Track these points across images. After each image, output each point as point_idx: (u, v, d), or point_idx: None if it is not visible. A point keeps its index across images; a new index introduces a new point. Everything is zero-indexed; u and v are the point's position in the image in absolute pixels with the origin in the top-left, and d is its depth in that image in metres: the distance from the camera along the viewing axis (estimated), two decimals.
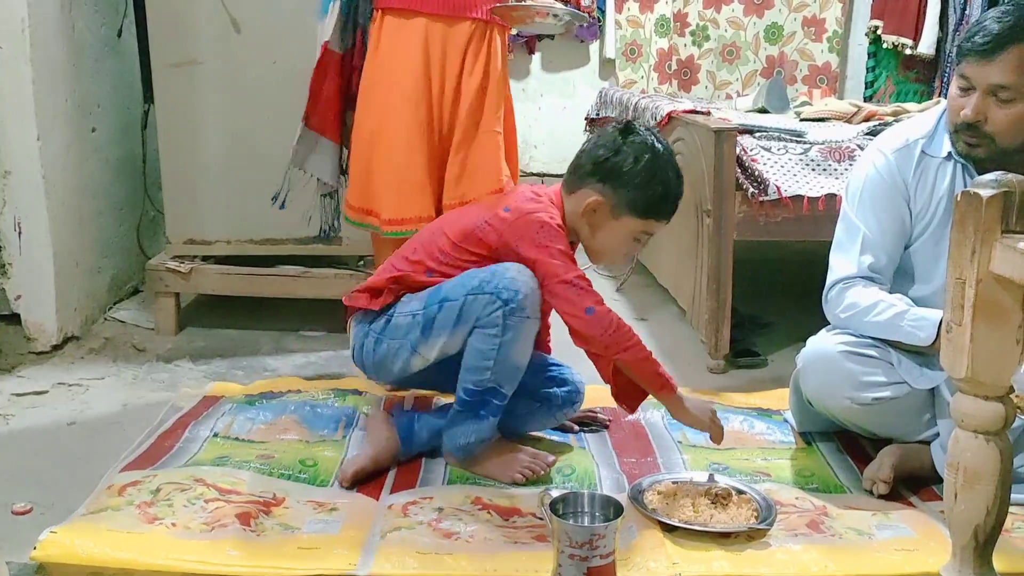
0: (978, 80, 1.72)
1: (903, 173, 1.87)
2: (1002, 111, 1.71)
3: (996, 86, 1.70)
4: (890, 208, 1.88)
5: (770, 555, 1.59)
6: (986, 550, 1.21)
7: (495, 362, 1.78)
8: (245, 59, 2.64)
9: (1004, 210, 1.13)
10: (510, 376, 1.82)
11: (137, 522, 1.61)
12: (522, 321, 1.78)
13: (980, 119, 1.73)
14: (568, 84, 4.91)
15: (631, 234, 1.88)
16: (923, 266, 1.90)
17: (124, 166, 3.04)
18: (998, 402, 1.17)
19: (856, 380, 1.83)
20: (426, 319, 1.82)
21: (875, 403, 1.83)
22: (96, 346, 2.66)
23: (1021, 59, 1.68)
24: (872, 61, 4.70)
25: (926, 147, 1.87)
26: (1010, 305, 1.14)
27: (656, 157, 1.84)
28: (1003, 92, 1.70)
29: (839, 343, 1.86)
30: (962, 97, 1.75)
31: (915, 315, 1.77)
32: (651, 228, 1.88)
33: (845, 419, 1.91)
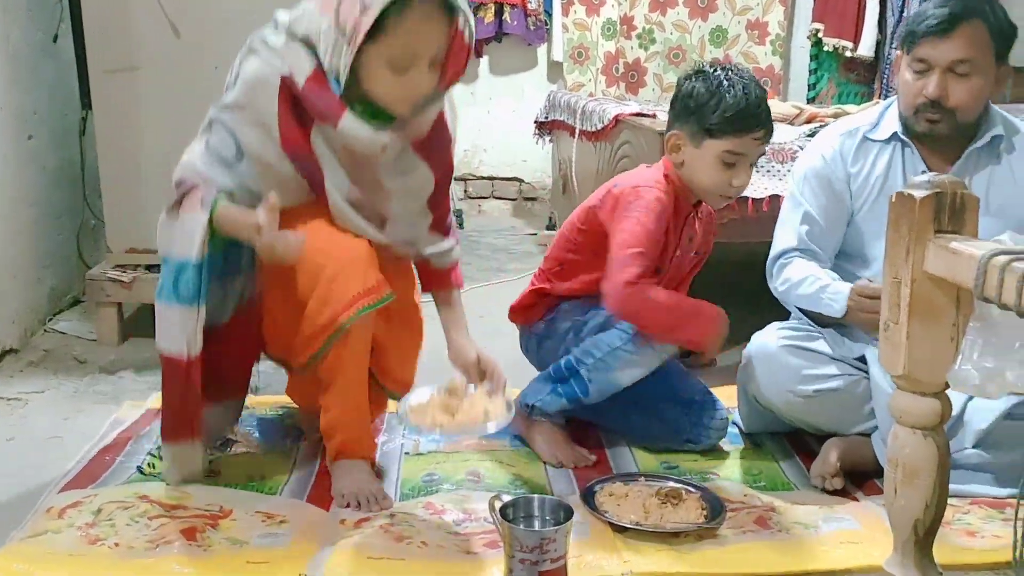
0: (937, 58, 1.82)
1: (845, 157, 1.97)
2: (961, 86, 1.82)
3: (955, 61, 1.81)
4: (830, 191, 1.97)
5: (719, 553, 1.61)
6: (926, 543, 1.24)
7: (604, 358, 1.90)
8: (185, 64, 2.60)
9: (936, 211, 1.15)
10: (603, 383, 1.91)
11: (78, 544, 1.57)
12: (647, 350, 1.88)
13: (943, 96, 1.83)
14: (516, 87, 4.92)
15: (717, 158, 1.89)
16: (863, 245, 1.98)
17: (62, 174, 2.97)
18: (934, 398, 1.19)
19: (798, 373, 1.89)
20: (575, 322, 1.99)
21: (816, 395, 1.88)
22: (35, 359, 2.60)
23: (974, 34, 1.81)
24: (814, 63, 4.80)
25: (868, 133, 1.98)
26: (944, 304, 1.17)
27: (719, 78, 1.89)
28: (961, 67, 1.81)
29: (780, 338, 1.92)
30: (919, 80, 1.85)
31: (833, 289, 1.84)
32: (734, 147, 1.88)
33: (789, 413, 1.95)
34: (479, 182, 5.01)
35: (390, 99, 1.58)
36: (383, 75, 1.53)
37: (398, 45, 1.50)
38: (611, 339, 1.91)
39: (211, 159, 1.65)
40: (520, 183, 5.01)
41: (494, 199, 5.02)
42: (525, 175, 5.00)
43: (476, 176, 4.98)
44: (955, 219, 1.16)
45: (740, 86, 1.88)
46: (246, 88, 1.60)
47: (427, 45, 1.52)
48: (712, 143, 1.89)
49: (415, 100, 1.59)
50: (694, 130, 1.91)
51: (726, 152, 1.89)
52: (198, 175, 1.64)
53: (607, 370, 1.91)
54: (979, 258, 1.05)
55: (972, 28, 1.81)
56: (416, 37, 1.51)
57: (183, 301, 1.62)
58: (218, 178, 1.64)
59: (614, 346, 1.90)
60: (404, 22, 1.48)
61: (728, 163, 1.90)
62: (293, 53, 1.56)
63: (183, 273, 1.62)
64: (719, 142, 1.89)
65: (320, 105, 1.55)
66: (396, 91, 1.56)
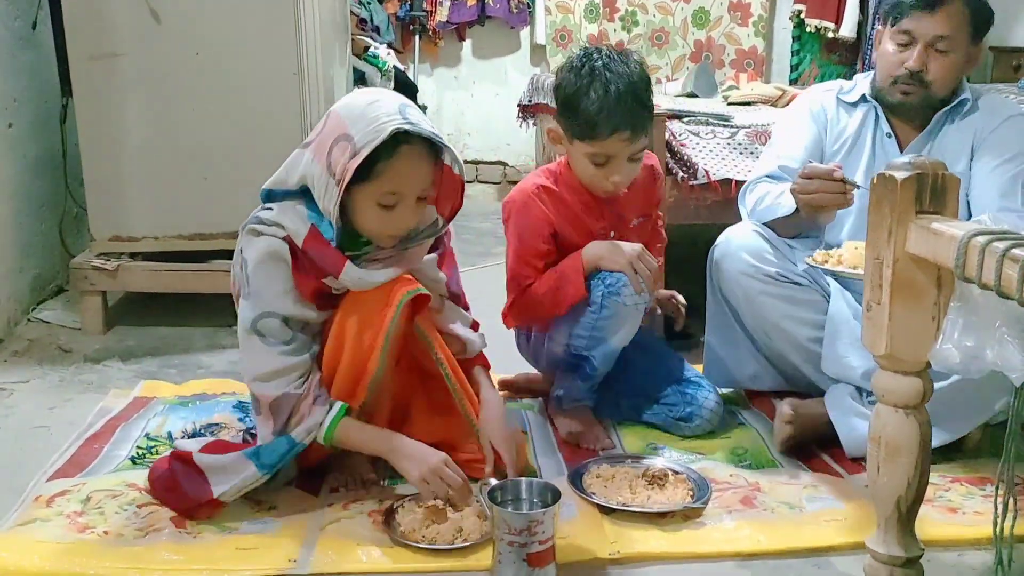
0: (921, 32, 1.93)
1: (826, 108, 2.11)
2: (939, 61, 1.94)
3: (937, 37, 1.92)
4: (812, 131, 2.09)
5: (705, 532, 1.63)
6: (909, 520, 1.25)
7: (590, 335, 1.92)
8: (166, 51, 2.57)
9: (918, 192, 1.17)
10: (604, 353, 1.95)
11: (67, 532, 1.58)
12: (618, 305, 1.88)
13: (922, 68, 1.94)
14: (500, 71, 4.90)
15: (586, 157, 1.90)
16: None
17: (44, 162, 2.94)
18: (916, 377, 1.21)
19: (761, 255, 1.99)
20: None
21: (780, 278, 1.97)
22: (20, 348, 2.58)
23: (958, 12, 1.92)
24: (796, 45, 4.81)
25: (841, 94, 2.12)
26: (925, 284, 1.18)
27: (586, 73, 1.86)
28: (942, 43, 1.92)
29: (752, 229, 2.02)
30: (901, 52, 1.96)
31: (786, 191, 1.92)
32: (598, 149, 1.87)
33: (748, 305, 2.01)
34: (464, 166, 5.00)
35: (377, 233, 1.65)
36: (372, 213, 1.61)
37: (385, 186, 1.58)
38: (587, 318, 1.92)
39: (277, 352, 1.63)
40: (504, 167, 5.01)
41: (479, 183, 5.02)
42: (509, 159, 5.00)
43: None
44: (936, 200, 1.17)
45: (604, 82, 1.82)
46: (261, 267, 1.62)
47: (413, 185, 1.60)
48: (579, 144, 1.89)
49: (401, 234, 1.66)
50: (564, 127, 1.91)
51: (591, 154, 1.88)
52: (286, 380, 1.63)
53: (600, 341, 1.93)
54: (959, 239, 1.06)
55: (955, 8, 1.92)
56: (403, 179, 1.58)
57: (262, 469, 1.63)
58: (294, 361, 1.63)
59: (592, 321, 1.92)
60: (391, 166, 1.56)
61: (597, 163, 1.89)
62: (288, 217, 1.61)
63: (279, 453, 1.63)
64: (583, 144, 1.88)
65: (321, 261, 1.61)
66: (383, 227, 1.63)
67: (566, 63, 1.93)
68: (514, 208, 1.99)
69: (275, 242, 1.60)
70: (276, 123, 2.61)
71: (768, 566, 1.55)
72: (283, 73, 2.60)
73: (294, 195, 1.63)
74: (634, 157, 1.90)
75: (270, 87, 2.61)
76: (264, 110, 2.61)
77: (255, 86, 2.61)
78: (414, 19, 4.66)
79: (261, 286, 1.61)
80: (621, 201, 2.02)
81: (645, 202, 2.09)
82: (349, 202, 1.60)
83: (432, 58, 4.88)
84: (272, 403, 1.62)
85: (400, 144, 1.54)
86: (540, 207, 1.97)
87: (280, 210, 1.62)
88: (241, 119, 2.62)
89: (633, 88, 1.84)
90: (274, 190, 1.66)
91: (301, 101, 2.62)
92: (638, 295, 1.89)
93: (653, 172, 2.10)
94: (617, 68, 1.85)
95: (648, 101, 1.90)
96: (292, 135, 2.61)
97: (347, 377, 1.65)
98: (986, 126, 1.99)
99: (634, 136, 1.86)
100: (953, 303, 1.13)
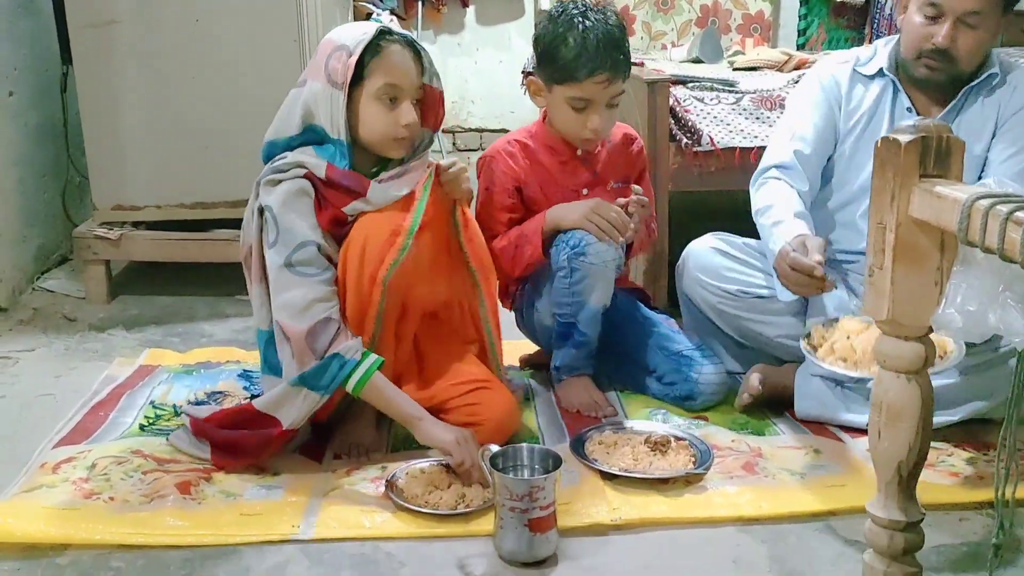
0: (951, 6, 1.82)
1: (839, 83, 2.01)
2: (969, 36, 1.83)
3: (969, 12, 1.81)
4: (824, 109, 2.01)
5: (707, 498, 1.63)
6: (910, 485, 1.25)
7: (569, 301, 1.94)
8: (166, 17, 2.55)
9: (922, 155, 1.15)
10: (587, 316, 1.96)
11: (74, 498, 1.59)
12: (586, 265, 1.90)
13: (952, 45, 1.84)
14: (503, 37, 4.85)
15: (565, 103, 1.94)
16: (845, 179, 2.03)
17: (45, 131, 2.93)
18: (918, 342, 1.20)
19: (719, 274, 2.01)
20: (533, 278, 2.05)
21: (741, 295, 2.00)
22: (25, 317, 2.59)
23: None
24: (804, 9, 4.74)
25: (858, 66, 2.01)
26: (928, 248, 1.16)
27: (566, 21, 1.92)
28: (972, 18, 1.82)
29: (710, 246, 2.04)
30: (928, 26, 1.85)
31: (781, 230, 1.85)
32: (576, 92, 1.92)
33: (718, 316, 2.04)
34: (467, 134, 4.97)
35: (385, 135, 1.70)
36: (376, 111, 1.69)
37: (381, 79, 1.68)
38: (560, 284, 1.95)
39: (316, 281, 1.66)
40: None
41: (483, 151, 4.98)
42: (513, 126, 4.93)
43: (464, 128, 4.94)
44: (940, 163, 1.15)
45: (581, 28, 1.89)
46: (289, 205, 1.66)
47: (406, 79, 1.70)
48: (558, 88, 1.94)
49: (409, 135, 1.72)
50: (544, 75, 1.96)
51: (571, 98, 1.92)
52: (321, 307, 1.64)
53: (580, 305, 1.95)
54: (963, 202, 1.05)
55: None
56: (395, 70, 1.69)
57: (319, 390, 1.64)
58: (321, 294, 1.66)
59: (566, 286, 1.94)
60: (383, 60, 1.68)
61: (576, 108, 1.93)
62: (305, 156, 1.69)
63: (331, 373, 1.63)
64: (562, 87, 1.93)
65: (348, 182, 1.68)
66: (390, 125, 1.70)
67: (544, 15, 1.99)
68: (484, 162, 2.06)
69: (298, 181, 1.68)
70: (277, 91, 2.53)
71: (770, 531, 1.56)
72: (283, 40, 2.58)
73: (297, 143, 1.71)
74: (612, 103, 1.95)
75: (270, 54, 2.59)
76: (265, 78, 2.59)
77: (255, 53, 2.59)
78: None
79: (292, 222, 1.65)
80: (598, 161, 2.05)
81: (625, 166, 2.10)
82: (353, 117, 1.69)
83: (435, 25, 4.83)
84: (310, 330, 1.61)
85: (388, 43, 1.68)
86: (507, 162, 2.03)
87: (294, 154, 1.70)
88: (241, 87, 2.60)
89: (609, 32, 1.92)
90: (276, 141, 1.73)
91: (302, 68, 2.57)
92: (605, 245, 1.90)
93: (628, 138, 2.12)
94: (594, 16, 1.92)
95: (625, 47, 1.95)
96: None
97: (354, 308, 1.68)
98: (1010, 105, 1.91)
99: (612, 78, 1.91)
100: (956, 267, 1.12)
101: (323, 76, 1.68)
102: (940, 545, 1.50)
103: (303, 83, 1.72)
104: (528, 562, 1.45)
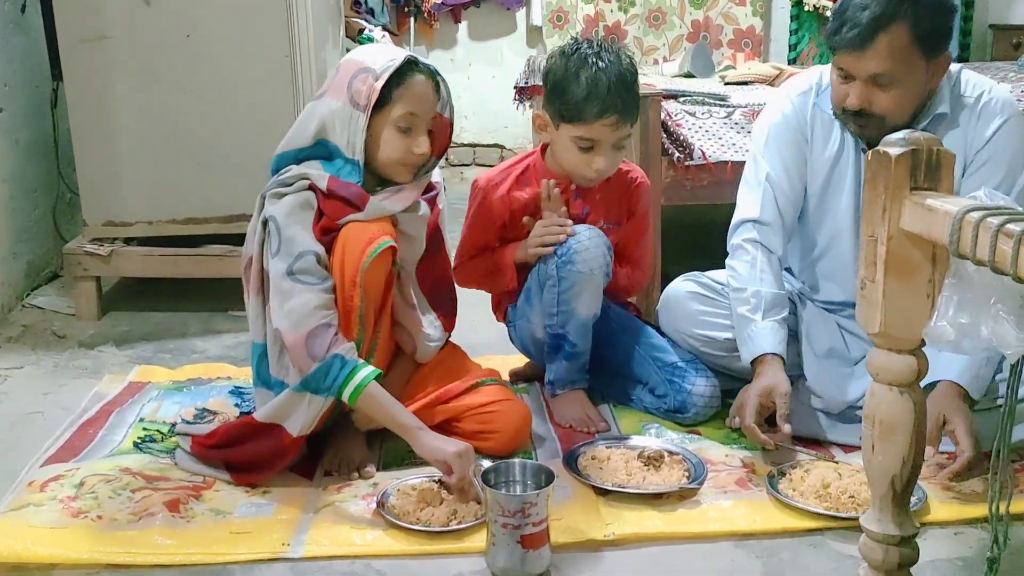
0: (856, 71, 1.73)
1: (802, 117, 1.92)
2: (885, 94, 1.73)
3: (874, 75, 1.71)
4: (793, 149, 1.92)
5: (701, 513, 1.62)
6: (903, 499, 1.24)
7: (558, 311, 1.94)
8: (156, 33, 2.55)
9: (912, 168, 1.15)
10: (576, 326, 1.95)
11: (61, 517, 1.57)
12: (575, 274, 1.89)
13: (866, 106, 1.75)
14: (496, 52, 4.88)
15: (571, 142, 1.92)
16: (813, 217, 1.97)
17: (36, 147, 2.93)
18: (911, 355, 1.20)
19: (695, 319, 1.98)
20: (524, 291, 2.03)
21: (715, 339, 1.97)
22: (14, 334, 2.57)
23: (891, 45, 1.68)
24: (795, 24, 4.78)
25: (818, 100, 1.91)
26: (920, 260, 1.16)
27: (578, 59, 1.89)
28: (882, 78, 1.71)
29: (686, 291, 2.01)
30: (843, 84, 1.77)
31: (753, 331, 1.84)
32: (584, 132, 1.89)
33: (702, 356, 2.01)
34: (460, 149, 4.98)
35: (397, 161, 1.74)
36: (393, 138, 1.73)
37: (403, 108, 1.72)
38: (550, 295, 1.94)
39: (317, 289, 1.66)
40: (502, 150, 4.98)
41: (476, 166, 5.00)
42: (507, 141, 4.97)
43: (457, 143, 4.95)
44: (931, 176, 1.15)
45: (594, 69, 1.86)
46: (292, 217, 1.69)
47: (425, 109, 1.74)
48: (565, 127, 1.91)
49: (418, 162, 1.77)
50: (552, 111, 1.93)
51: (577, 137, 1.90)
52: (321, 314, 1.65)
53: (569, 315, 1.94)
54: (954, 215, 1.05)
55: (891, 37, 1.68)
56: (418, 100, 1.73)
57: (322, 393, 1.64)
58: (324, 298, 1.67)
59: (555, 296, 1.93)
60: (408, 89, 1.72)
61: (582, 148, 1.91)
62: (309, 169, 1.72)
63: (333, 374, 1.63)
64: (570, 127, 1.90)
65: (348, 196, 1.70)
66: (403, 152, 1.74)
67: (556, 51, 1.96)
68: (478, 193, 2.05)
69: (303, 194, 1.71)
70: (268, 106, 2.59)
71: (764, 546, 1.55)
72: (275, 56, 2.58)
73: (305, 155, 1.74)
74: (618, 144, 1.92)
75: (262, 70, 2.59)
76: (256, 93, 2.59)
77: (246, 69, 2.59)
78: (409, 1, 4.63)
79: (295, 233, 1.68)
80: (592, 198, 2.03)
81: (618, 208, 2.07)
82: (370, 139, 1.72)
83: (428, 40, 4.85)
84: (308, 334, 1.62)
85: (412, 71, 1.71)
86: (497, 197, 2.02)
87: (299, 168, 1.73)
88: (233, 102, 2.60)
89: (622, 75, 1.88)
90: (285, 153, 1.76)
91: (293, 84, 2.60)
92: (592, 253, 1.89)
93: (629, 179, 2.08)
94: (607, 56, 1.89)
95: (635, 91, 1.92)
96: (284, 118, 2.56)
97: (341, 313, 1.67)
98: (974, 140, 1.80)
99: (620, 121, 1.88)
100: (948, 280, 1.11)
101: (345, 95, 1.70)
102: (935, 559, 1.50)
103: (320, 96, 1.74)
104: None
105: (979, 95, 1.82)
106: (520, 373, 2.23)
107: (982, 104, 1.81)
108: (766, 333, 1.83)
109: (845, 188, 1.91)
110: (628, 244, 2.10)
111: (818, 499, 1.62)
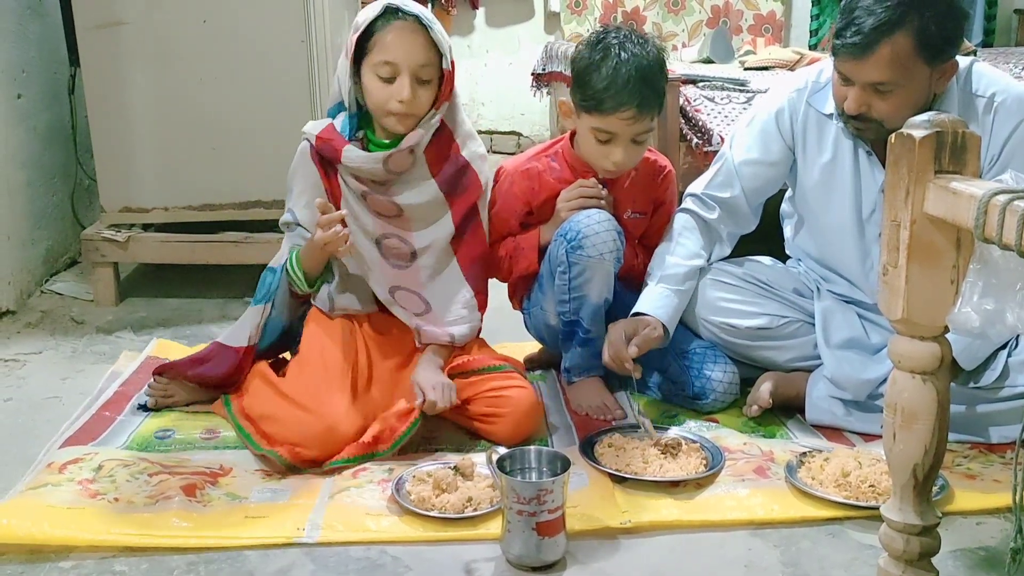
0: (855, 77, 1.71)
1: (793, 114, 1.91)
2: (884, 101, 1.71)
3: (874, 83, 1.69)
4: (771, 143, 1.93)
5: (718, 501, 1.61)
6: (925, 488, 1.23)
7: (570, 297, 1.92)
8: (173, 18, 2.55)
9: (936, 150, 1.12)
10: (589, 311, 1.94)
11: (78, 497, 1.58)
12: (584, 259, 1.87)
13: (864, 110, 1.73)
14: (513, 39, 4.85)
15: (590, 133, 1.90)
16: (812, 216, 1.97)
17: (54, 133, 2.94)
18: (934, 342, 1.18)
19: (719, 307, 1.95)
20: (538, 279, 2.03)
21: (744, 327, 1.94)
22: (33, 320, 2.59)
23: (893, 54, 1.66)
24: (816, 8, 4.71)
25: (812, 99, 1.89)
26: (944, 245, 1.14)
27: (602, 49, 1.86)
28: (881, 86, 1.69)
29: (708, 277, 1.98)
30: (843, 87, 1.75)
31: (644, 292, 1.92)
32: (601, 124, 1.87)
33: (724, 345, 1.98)
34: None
35: (382, 107, 1.78)
36: (375, 85, 1.77)
37: (380, 55, 1.75)
38: (559, 280, 1.93)
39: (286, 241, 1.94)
40: (519, 137, 4.96)
41: (493, 153, 4.97)
42: (524, 129, 4.95)
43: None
44: (956, 159, 1.13)
45: (615, 60, 1.83)
46: (292, 169, 1.90)
47: (404, 56, 1.75)
48: (585, 117, 1.90)
49: (405, 111, 1.77)
50: (575, 100, 1.92)
51: (596, 129, 1.88)
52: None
53: (582, 300, 1.93)
54: (979, 198, 1.02)
55: (893, 45, 1.65)
56: (394, 48, 1.75)
57: (256, 303, 1.91)
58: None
59: (566, 282, 1.92)
60: (383, 36, 1.75)
61: (600, 140, 1.88)
62: (313, 123, 1.87)
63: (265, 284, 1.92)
64: (589, 117, 1.88)
65: (328, 149, 1.82)
66: (386, 99, 1.76)
67: (585, 40, 1.94)
68: (503, 178, 2.04)
69: (302, 144, 1.87)
70: (284, 92, 2.59)
71: (782, 535, 1.53)
72: (291, 41, 2.58)
73: (334, 112, 1.85)
74: (638, 139, 1.89)
75: (278, 55, 2.58)
76: (272, 79, 2.59)
77: (263, 54, 2.58)
78: None
79: (291, 184, 1.89)
80: (619, 188, 2.00)
81: (644, 198, 2.05)
82: (360, 91, 1.81)
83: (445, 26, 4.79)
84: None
85: (392, 20, 1.75)
86: (523, 184, 2.01)
87: (311, 123, 1.87)
88: (249, 88, 2.60)
89: (644, 68, 1.84)
90: (332, 108, 1.86)
91: (309, 69, 2.60)
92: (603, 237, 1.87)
93: (656, 169, 2.06)
94: (632, 48, 1.85)
95: (658, 84, 1.88)
96: (300, 103, 2.59)
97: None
98: (991, 141, 1.74)
99: (639, 115, 1.84)
100: (972, 265, 1.09)
101: (344, 48, 1.81)
102: (956, 550, 1.48)
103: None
104: (536, 566, 1.43)
105: (992, 94, 1.77)
106: (535, 359, 2.22)
107: (997, 104, 1.77)
108: (653, 296, 1.90)
109: (845, 188, 1.88)
110: (653, 234, 2.08)
111: (837, 488, 1.60)
